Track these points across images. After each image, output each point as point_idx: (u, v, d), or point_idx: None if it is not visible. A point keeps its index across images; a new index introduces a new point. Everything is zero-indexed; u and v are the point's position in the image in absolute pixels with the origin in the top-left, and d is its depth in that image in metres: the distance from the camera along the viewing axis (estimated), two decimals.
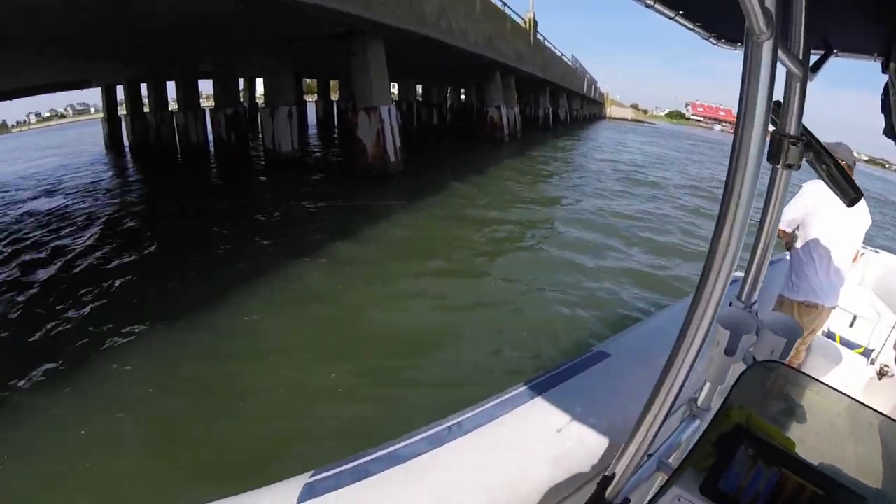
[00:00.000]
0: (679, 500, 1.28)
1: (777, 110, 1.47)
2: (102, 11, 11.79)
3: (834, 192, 1.47)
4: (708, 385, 1.55)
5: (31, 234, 10.71)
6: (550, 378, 2.35)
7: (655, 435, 1.30)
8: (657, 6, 1.45)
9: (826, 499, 1.17)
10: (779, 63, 1.12)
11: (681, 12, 1.57)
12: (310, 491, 1.80)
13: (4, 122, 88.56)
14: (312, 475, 1.90)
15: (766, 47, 1.01)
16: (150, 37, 16.71)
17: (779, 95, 1.41)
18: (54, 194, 15.79)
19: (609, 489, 1.36)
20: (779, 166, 1.48)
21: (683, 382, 1.24)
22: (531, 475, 1.93)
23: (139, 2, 11.30)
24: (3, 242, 10.20)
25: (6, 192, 16.94)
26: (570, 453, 1.99)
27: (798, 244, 3.53)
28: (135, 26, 14.50)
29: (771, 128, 1.34)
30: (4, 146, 44.23)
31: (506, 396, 2.23)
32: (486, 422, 2.07)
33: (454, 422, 2.11)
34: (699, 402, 1.57)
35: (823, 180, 1.46)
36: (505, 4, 23.38)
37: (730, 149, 1.06)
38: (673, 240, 10.43)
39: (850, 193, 1.46)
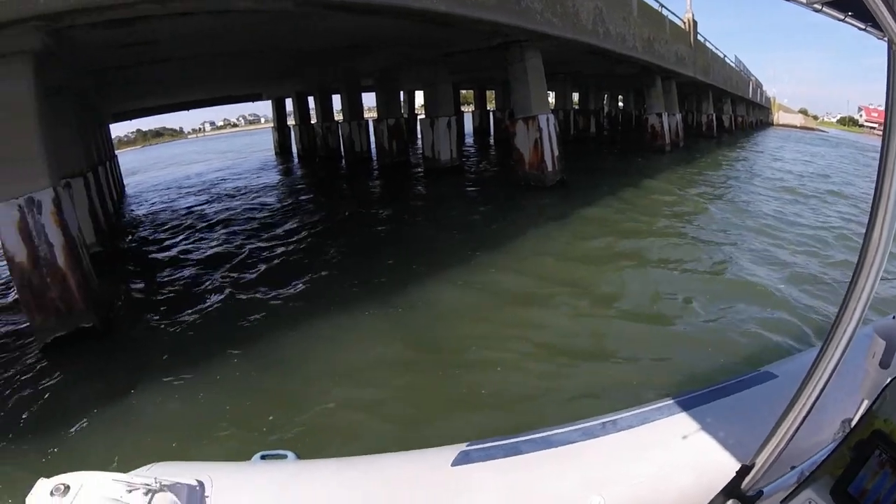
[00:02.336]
0: (809, 502, 1.32)
1: None
2: (277, 34, 12.76)
3: None
4: (864, 403, 1.54)
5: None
6: (711, 392, 2.37)
7: (797, 430, 1.34)
8: (825, 10, 1.44)
9: None
10: None
11: (850, 13, 1.53)
12: (464, 457, 2.05)
13: (181, 128, 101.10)
14: (468, 445, 2.12)
15: None
16: (317, 57, 17.92)
17: None
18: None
19: (746, 479, 1.42)
20: None
21: (828, 380, 1.27)
22: (670, 480, 1.99)
23: (310, 24, 11.95)
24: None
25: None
26: (714, 467, 1.95)
27: None
28: (303, 48, 15.60)
29: None
30: (190, 149, 50.16)
31: (663, 403, 2.30)
32: (639, 424, 2.17)
33: (609, 419, 2.22)
34: (853, 422, 1.51)
35: None
36: (662, 6, 22.38)
37: None
38: None
39: None
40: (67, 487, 1.90)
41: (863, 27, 1.60)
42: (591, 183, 15.67)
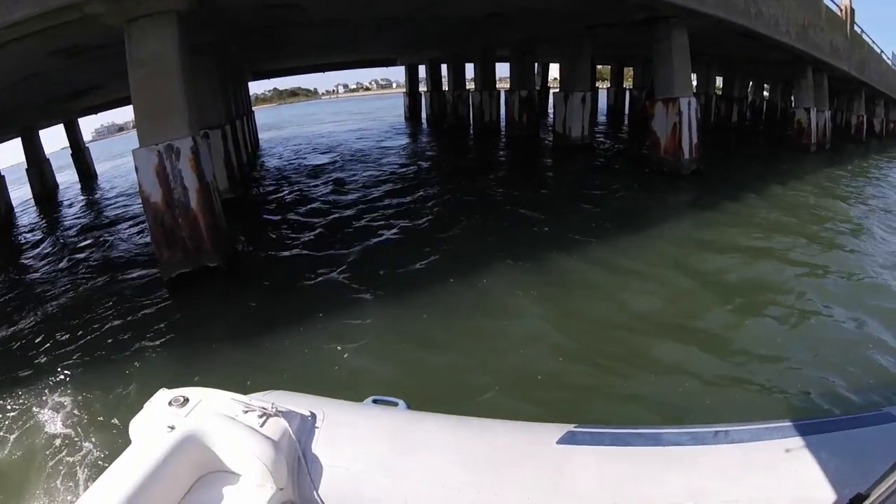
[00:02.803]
0: None
1: None
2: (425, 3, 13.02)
3: None
4: None
5: None
6: (824, 423, 2.30)
7: None
8: None
9: None
10: None
11: None
12: (570, 437, 2.09)
13: (315, 89, 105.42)
14: (575, 426, 2.16)
15: None
16: (458, 26, 18.07)
17: None
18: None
19: None
20: None
21: None
22: (770, 502, 1.96)
23: None
24: None
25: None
26: (816, 499, 1.94)
27: None
28: (446, 16, 15.77)
29: None
30: (323, 108, 52.90)
31: (776, 424, 2.25)
32: (749, 440, 2.13)
33: (721, 429, 2.19)
34: None
35: None
36: None
37: None
38: None
39: None
40: (186, 400, 2.17)
41: None
42: (729, 176, 14.88)
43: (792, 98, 24.97)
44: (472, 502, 1.98)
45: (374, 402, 2.56)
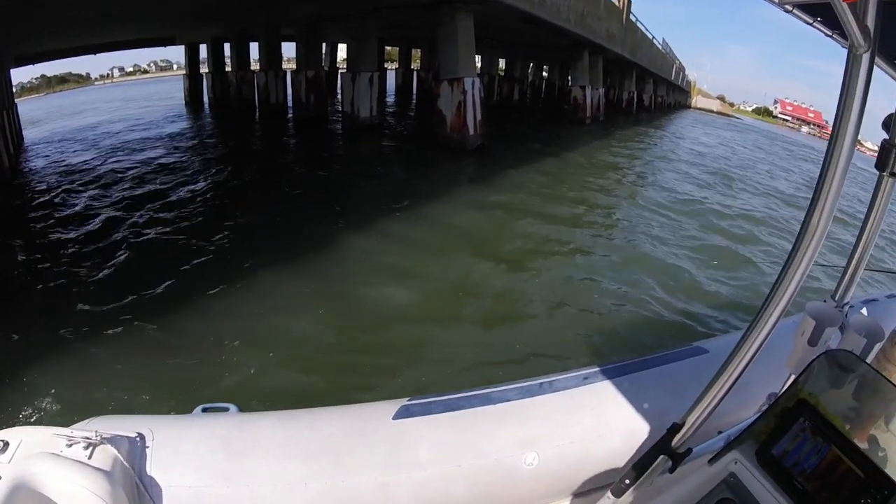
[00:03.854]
0: (735, 462, 1.49)
1: (890, 121, 1.51)
2: None
3: None
4: (791, 378, 1.67)
5: None
6: (644, 361, 2.48)
7: (725, 394, 1.44)
8: (795, 12, 1.50)
9: (864, 481, 1.25)
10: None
11: (819, 19, 1.58)
12: (404, 411, 2.14)
13: (88, 74, 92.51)
14: (409, 400, 2.22)
15: (864, 59, 1.15)
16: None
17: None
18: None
19: (676, 437, 1.53)
20: (885, 174, 1.61)
21: (756, 352, 1.37)
22: (602, 440, 2.13)
23: None
24: None
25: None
26: (643, 430, 2.13)
27: None
28: None
29: (885, 137, 1.54)
30: (96, 96, 48.09)
31: (598, 368, 2.40)
32: (575, 386, 2.28)
33: (546, 380, 2.32)
34: (779, 393, 1.62)
35: None
36: None
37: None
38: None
39: None
40: (6, 444, 1.92)
41: (829, 34, 1.66)
42: (510, 149, 15.72)
43: (569, 77, 26.80)
44: (319, 492, 1.97)
45: (204, 410, 2.37)
